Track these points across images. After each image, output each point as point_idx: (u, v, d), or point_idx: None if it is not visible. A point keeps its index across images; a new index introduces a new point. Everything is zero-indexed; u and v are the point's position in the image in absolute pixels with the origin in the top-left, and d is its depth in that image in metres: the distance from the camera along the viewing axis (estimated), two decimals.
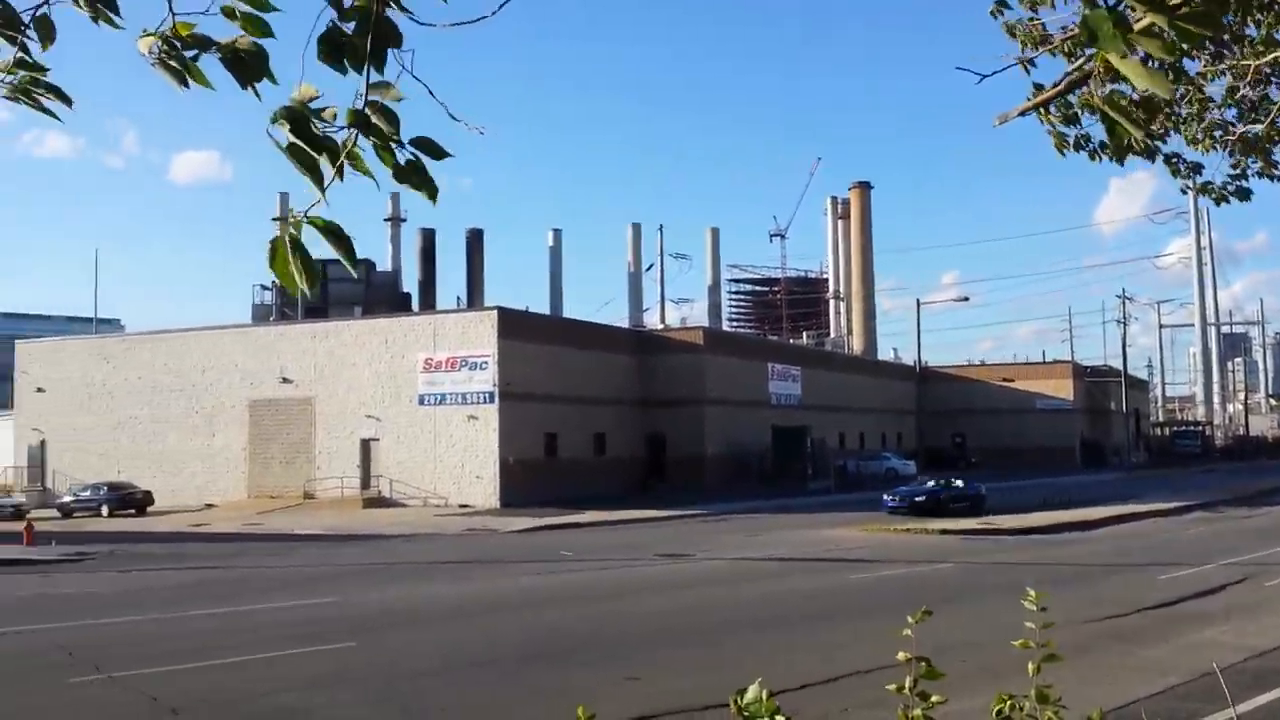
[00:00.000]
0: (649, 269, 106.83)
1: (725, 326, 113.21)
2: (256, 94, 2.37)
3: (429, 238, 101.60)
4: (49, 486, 51.81)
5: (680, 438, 54.18)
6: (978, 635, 13.16)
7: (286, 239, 2.22)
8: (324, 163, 2.27)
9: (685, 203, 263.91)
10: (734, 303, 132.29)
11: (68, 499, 46.24)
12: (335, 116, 2.28)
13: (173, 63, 2.34)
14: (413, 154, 2.32)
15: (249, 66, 2.33)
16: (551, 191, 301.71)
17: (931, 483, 38.86)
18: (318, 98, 2.30)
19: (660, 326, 73.55)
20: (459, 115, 2.50)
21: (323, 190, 2.27)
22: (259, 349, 50.24)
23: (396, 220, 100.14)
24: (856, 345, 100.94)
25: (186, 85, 2.38)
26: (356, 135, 2.28)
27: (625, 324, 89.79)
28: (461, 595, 19.47)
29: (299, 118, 2.25)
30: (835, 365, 76.62)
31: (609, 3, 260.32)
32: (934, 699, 3.44)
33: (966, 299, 67.85)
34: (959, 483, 38.78)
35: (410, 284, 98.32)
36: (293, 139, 2.25)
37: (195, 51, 2.34)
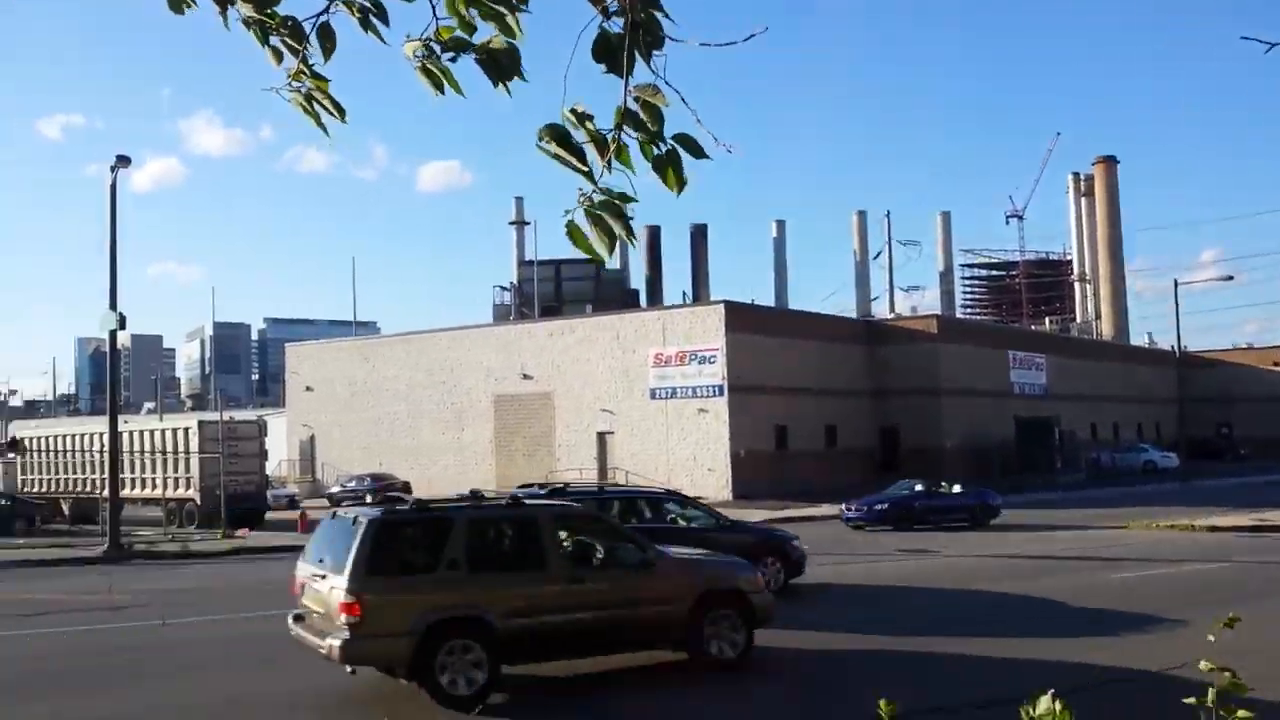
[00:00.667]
0: (876, 257, 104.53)
1: (960, 314, 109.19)
2: (508, 91, 2.50)
3: (654, 234, 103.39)
4: (318, 478, 56.31)
5: (915, 429, 52.65)
6: (1254, 643, 12.11)
7: (583, 215, 2.40)
8: (592, 156, 2.41)
9: (913, 187, 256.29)
10: (968, 289, 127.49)
11: (335, 489, 50.09)
12: (594, 126, 2.41)
13: (431, 66, 2.48)
14: (673, 146, 2.42)
15: (502, 66, 2.46)
16: (774, 183, 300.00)
17: (920, 486, 32.32)
18: (582, 114, 2.43)
19: (891, 316, 71.84)
20: (714, 114, 2.57)
21: (594, 183, 2.41)
22: (502, 347, 52.70)
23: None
24: (1106, 330, 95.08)
25: (442, 91, 2.52)
26: (619, 134, 2.40)
27: (853, 314, 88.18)
28: None
29: (562, 133, 2.40)
30: (1084, 352, 72.36)
31: None
32: (1240, 714, 3.22)
33: (1230, 278, 62.11)
34: (957, 488, 32.30)
35: (637, 280, 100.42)
36: (558, 151, 2.40)
37: (453, 54, 2.48)
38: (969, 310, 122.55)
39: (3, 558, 26.70)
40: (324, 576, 10.46)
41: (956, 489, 32.27)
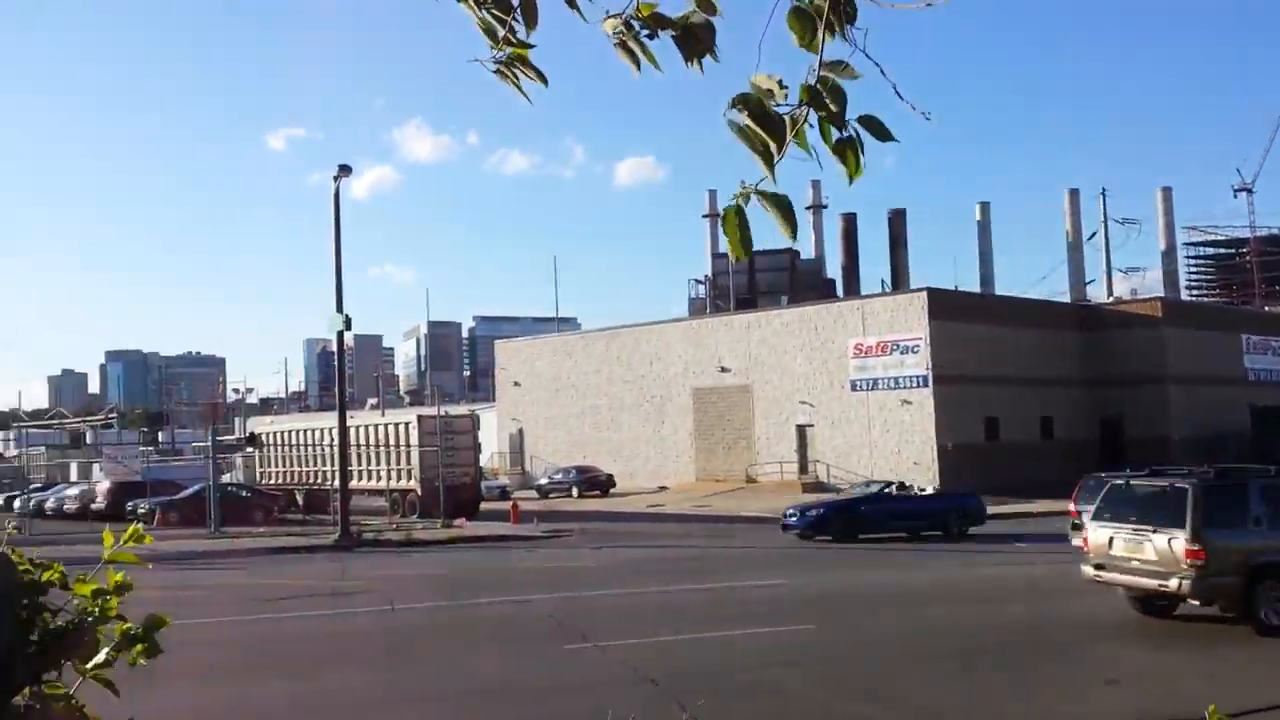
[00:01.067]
0: (1091, 238, 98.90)
1: (1184, 295, 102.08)
2: (700, 67, 2.47)
3: (850, 222, 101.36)
4: (528, 470, 58.25)
5: (1139, 420, 49.56)
6: None
7: (737, 206, 2.33)
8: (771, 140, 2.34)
9: (1129, 163, 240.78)
10: (1194, 269, 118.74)
11: (543, 481, 51.74)
12: (786, 95, 2.32)
13: (630, 43, 2.47)
14: (855, 131, 2.33)
15: (697, 41, 2.44)
16: (976, 163, 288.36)
17: (877, 487, 28.36)
18: (779, 83, 2.34)
19: (1108, 300, 67.92)
20: (906, 96, 2.47)
21: (772, 168, 2.33)
22: (698, 340, 52.99)
23: (818, 208, 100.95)
24: None
25: (639, 68, 2.51)
26: (807, 112, 2.32)
27: (1067, 298, 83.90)
28: (912, 583, 19.23)
29: (755, 103, 2.34)
30: None
31: None
32: None
33: None
34: (926, 489, 28.36)
35: (833, 270, 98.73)
36: (748, 123, 2.33)
37: (650, 32, 2.46)
38: (1195, 292, 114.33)
39: (245, 546, 28.94)
40: (1152, 531, 13.46)
41: (928, 490, 28.51)
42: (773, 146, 2.36)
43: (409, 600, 17.78)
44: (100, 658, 2.55)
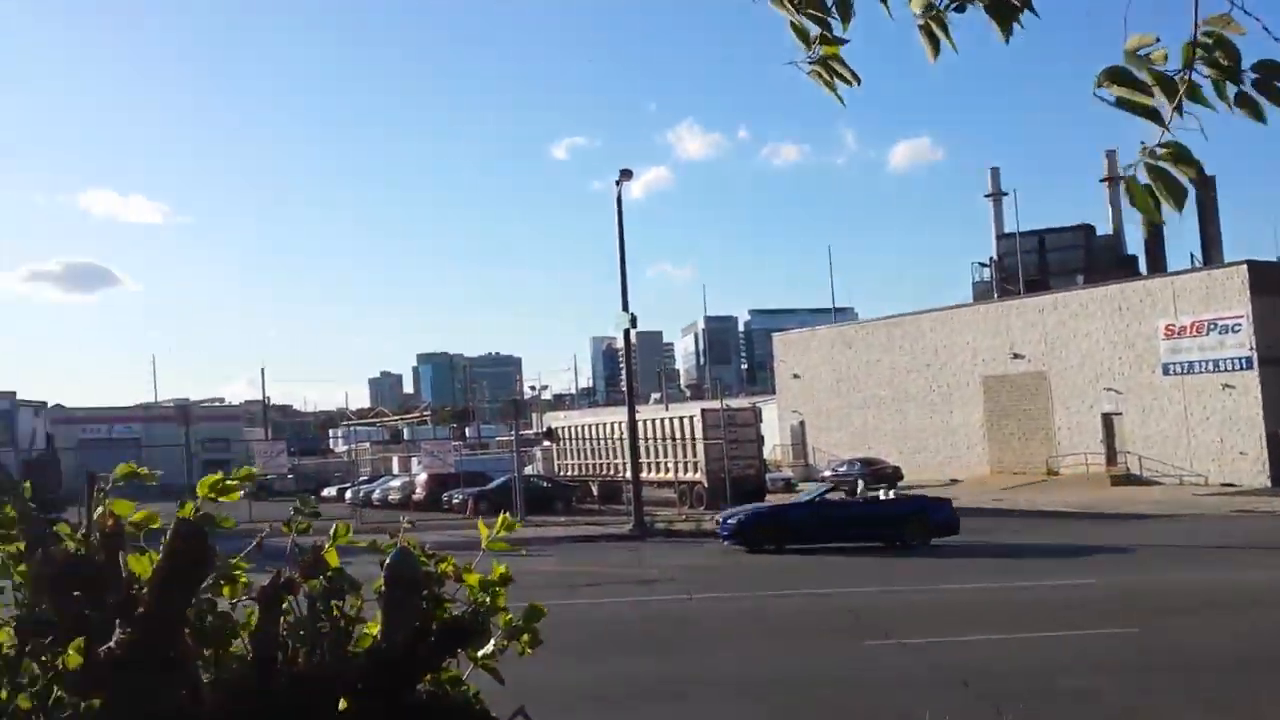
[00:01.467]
0: None
1: None
2: (1005, 38, 2.38)
3: None
4: (810, 462, 57.99)
5: None
6: None
7: (1139, 173, 2.26)
8: (1161, 100, 2.24)
9: None
10: None
11: (827, 473, 51.25)
12: (1166, 59, 2.23)
13: (932, 24, 2.42)
14: (1259, 78, 2.20)
15: (1012, 8, 2.35)
16: None
17: (809, 495, 25.56)
18: (1153, 44, 2.25)
19: None
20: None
21: (1166, 126, 2.23)
22: (987, 326, 50.78)
23: (1114, 180, 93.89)
24: None
25: (936, 54, 2.45)
26: (1190, 74, 2.22)
27: None
28: (1247, 583, 17.57)
29: (1124, 76, 2.25)
30: None
31: None
32: None
33: None
34: (888, 493, 25.25)
35: (1133, 246, 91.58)
36: (1121, 94, 2.25)
37: (959, 5, 2.40)
38: None
39: (549, 534, 30.60)
40: None
41: (890, 495, 25.39)
42: (1163, 104, 2.26)
43: (705, 589, 18.21)
44: (489, 647, 2.78)
